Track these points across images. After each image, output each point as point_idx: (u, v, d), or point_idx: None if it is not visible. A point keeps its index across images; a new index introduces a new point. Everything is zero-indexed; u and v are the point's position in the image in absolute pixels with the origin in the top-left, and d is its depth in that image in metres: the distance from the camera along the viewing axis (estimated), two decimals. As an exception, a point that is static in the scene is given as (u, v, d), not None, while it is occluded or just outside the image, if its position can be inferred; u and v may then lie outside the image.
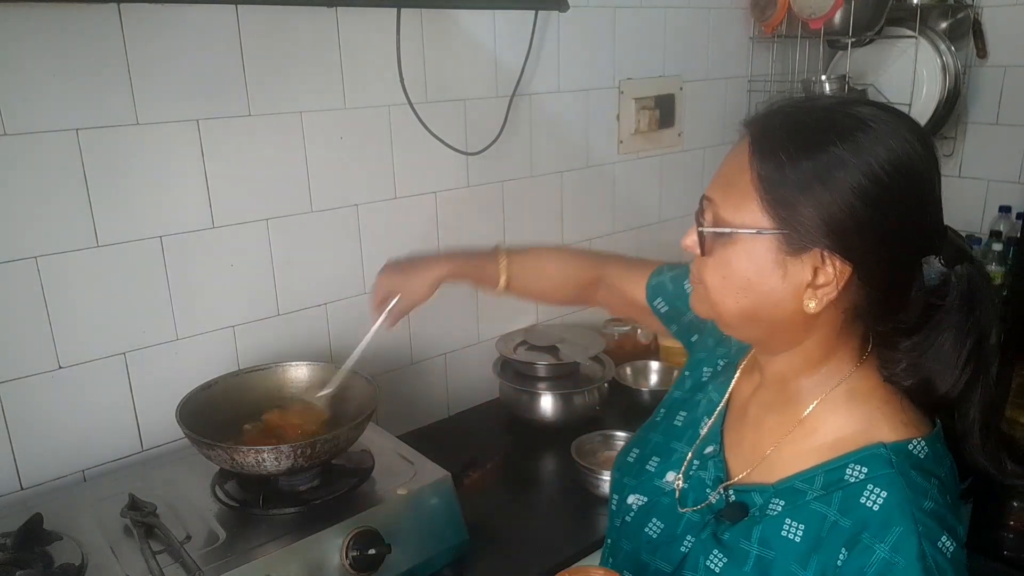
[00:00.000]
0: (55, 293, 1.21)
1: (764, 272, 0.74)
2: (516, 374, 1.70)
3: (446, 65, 1.58)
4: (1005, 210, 2.22)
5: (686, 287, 1.06)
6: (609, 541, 0.99)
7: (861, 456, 0.76)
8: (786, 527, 0.77)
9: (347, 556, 1.08)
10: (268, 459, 1.07)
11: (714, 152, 2.23)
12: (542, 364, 1.67)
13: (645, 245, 2.11)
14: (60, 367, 1.24)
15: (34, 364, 1.22)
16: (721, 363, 0.99)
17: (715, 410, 0.93)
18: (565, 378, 1.68)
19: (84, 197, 1.21)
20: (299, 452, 1.08)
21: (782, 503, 0.79)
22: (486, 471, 1.36)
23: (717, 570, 0.81)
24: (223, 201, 1.35)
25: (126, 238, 1.26)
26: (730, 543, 0.81)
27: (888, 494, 0.73)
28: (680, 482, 0.90)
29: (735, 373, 0.94)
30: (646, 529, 0.90)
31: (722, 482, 0.86)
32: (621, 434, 1.53)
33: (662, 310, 1.12)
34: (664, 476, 0.92)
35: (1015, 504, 1.83)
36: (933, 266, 0.75)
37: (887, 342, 0.79)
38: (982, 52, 2.28)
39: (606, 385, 1.71)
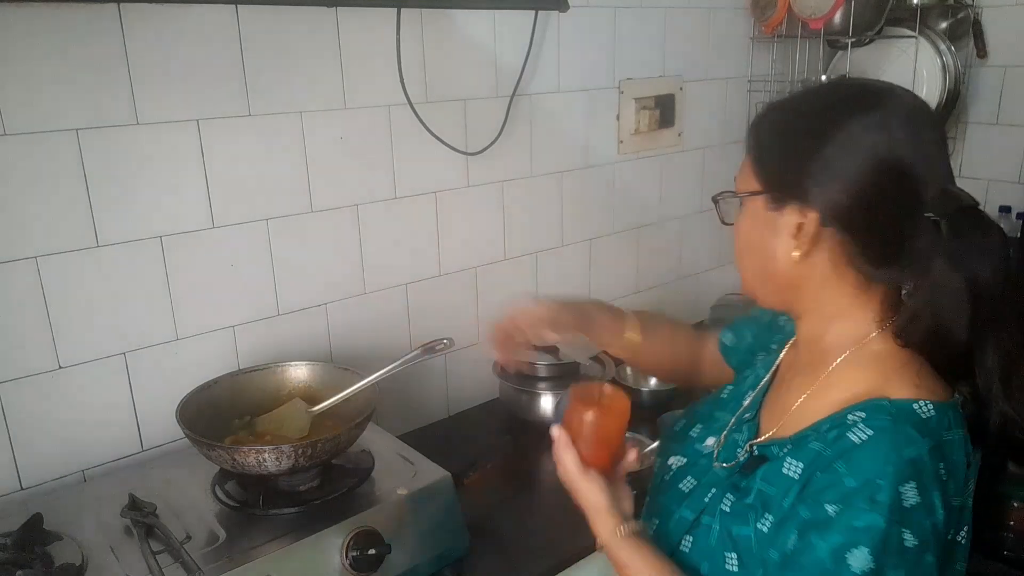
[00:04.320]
0: (55, 293, 1.21)
1: (760, 229, 0.86)
2: (516, 374, 1.70)
3: (446, 65, 1.58)
4: (1005, 210, 2.22)
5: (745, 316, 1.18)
6: (648, 498, 1.04)
7: (865, 406, 0.80)
8: (787, 466, 0.83)
9: (347, 556, 1.08)
10: (269, 459, 1.07)
11: (714, 152, 2.23)
12: (542, 364, 1.67)
13: (645, 245, 2.11)
14: (60, 367, 1.24)
15: (34, 364, 1.22)
16: (774, 347, 1.06)
17: (759, 383, 1.00)
18: (565, 378, 1.68)
19: (84, 197, 1.21)
20: (299, 452, 1.08)
21: (789, 446, 0.85)
22: (486, 471, 1.36)
23: (728, 510, 0.87)
24: (223, 201, 1.35)
25: (126, 238, 1.26)
26: (743, 487, 0.87)
27: (874, 434, 0.77)
28: (718, 445, 0.97)
29: (783, 351, 1.00)
30: (680, 485, 0.96)
31: (751, 441, 0.93)
32: (621, 434, 1.53)
33: (727, 342, 1.18)
34: (704, 441, 0.99)
35: (1015, 504, 1.82)
36: (921, 216, 0.79)
37: (896, 298, 0.84)
38: (982, 52, 2.28)
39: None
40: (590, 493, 0.91)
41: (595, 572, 1.35)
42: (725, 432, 0.97)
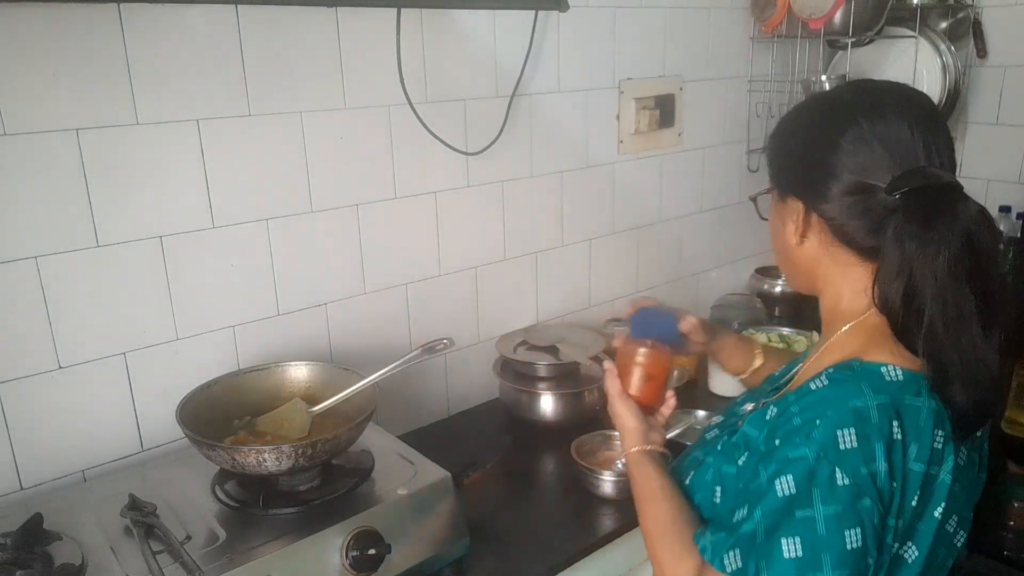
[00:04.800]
0: (55, 293, 1.21)
1: (776, 220, 1.00)
2: (516, 374, 1.70)
3: (446, 65, 1.58)
4: (1005, 210, 2.22)
5: None
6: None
7: (839, 365, 0.88)
8: (768, 412, 0.90)
9: (347, 556, 1.08)
10: (269, 459, 1.07)
11: (714, 152, 2.23)
12: (542, 364, 1.67)
13: (645, 245, 2.11)
14: (60, 367, 1.24)
15: (34, 364, 1.22)
16: None
17: (799, 363, 1.06)
18: (565, 378, 1.68)
19: (84, 197, 1.21)
20: (300, 452, 1.08)
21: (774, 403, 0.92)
22: (486, 471, 1.36)
23: (719, 449, 0.97)
24: (223, 201, 1.35)
25: (126, 238, 1.26)
26: (736, 431, 0.96)
27: (829, 384, 0.85)
28: (754, 409, 1.02)
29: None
30: (707, 435, 1.07)
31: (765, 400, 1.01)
32: (621, 434, 1.53)
33: None
34: (744, 405, 1.08)
35: (1015, 504, 1.83)
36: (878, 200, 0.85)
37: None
38: (982, 52, 2.28)
39: (606, 385, 1.71)
40: (625, 415, 1.08)
41: (595, 572, 1.35)
42: (763, 401, 1.03)
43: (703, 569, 0.86)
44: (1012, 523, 1.83)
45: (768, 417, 0.89)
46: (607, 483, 1.41)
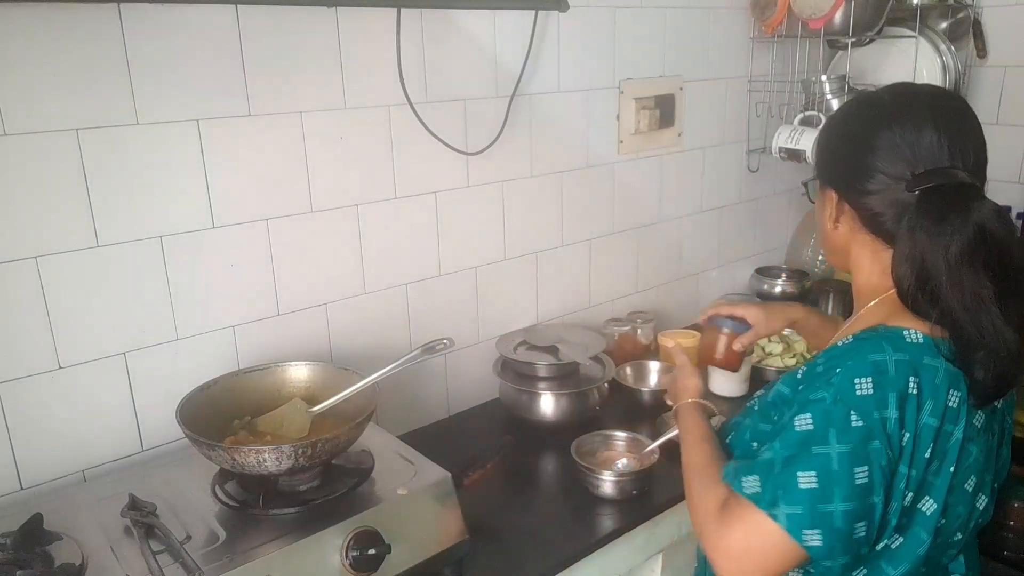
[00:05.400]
0: (55, 293, 1.21)
1: (818, 205, 1.09)
2: (516, 374, 1.70)
3: (446, 65, 1.58)
4: (1005, 210, 2.22)
5: None
6: None
7: (865, 329, 0.96)
8: (799, 371, 1.01)
9: (347, 556, 1.08)
10: (269, 459, 1.07)
11: (714, 152, 2.23)
12: (542, 364, 1.67)
13: (645, 245, 2.11)
14: (60, 367, 1.24)
15: (34, 364, 1.22)
16: None
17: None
18: (565, 378, 1.68)
19: (84, 197, 1.21)
20: (300, 452, 1.08)
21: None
22: (486, 471, 1.36)
23: (756, 408, 1.07)
24: (223, 201, 1.35)
25: (126, 238, 1.26)
26: (770, 391, 1.06)
27: (854, 341, 0.95)
28: None
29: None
30: (749, 403, 1.14)
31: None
32: (621, 434, 1.53)
33: None
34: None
35: (1015, 504, 1.83)
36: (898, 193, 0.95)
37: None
38: (982, 52, 2.28)
39: (606, 385, 1.71)
40: (692, 376, 1.27)
41: (595, 572, 1.35)
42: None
43: (728, 496, 0.94)
44: (1012, 523, 1.82)
45: (798, 375, 1.00)
46: (607, 483, 1.41)
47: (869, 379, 0.88)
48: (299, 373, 1.33)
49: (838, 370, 0.90)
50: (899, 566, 0.93)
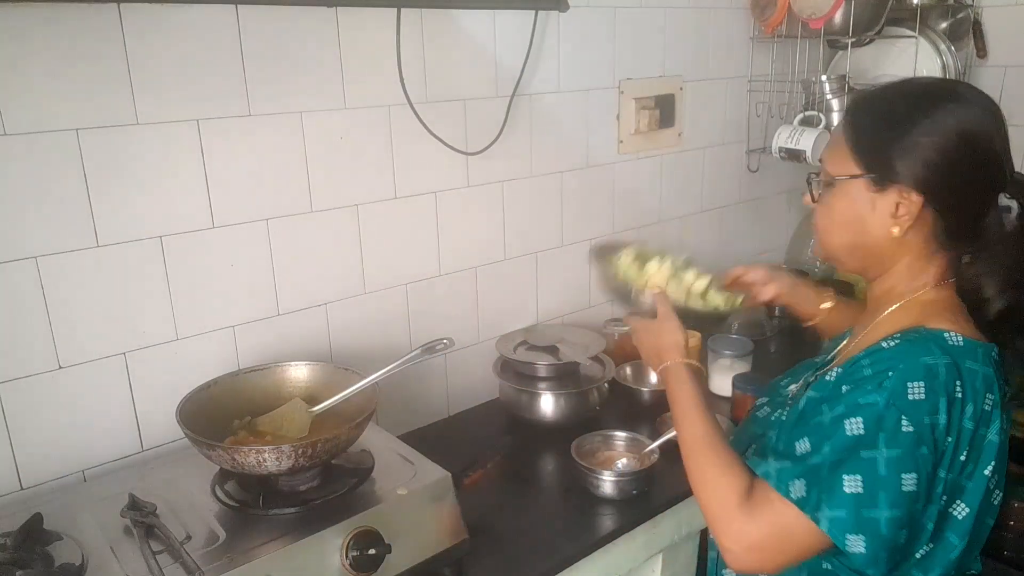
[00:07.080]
0: (55, 293, 1.21)
1: (858, 207, 0.98)
2: (516, 374, 1.70)
3: (446, 65, 1.58)
4: (1005, 210, 2.22)
5: None
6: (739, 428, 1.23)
7: (906, 330, 0.94)
8: (829, 375, 0.97)
9: (347, 556, 1.08)
10: (269, 459, 1.07)
11: (714, 152, 2.23)
12: (542, 364, 1.67)
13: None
14: (60, 367, 1.24)
15: (34, 364, 1.22)
16: None
17: (839, 344, 1.13)
18: (565, 378, 1.68)
19: (84, 197, 1.21)
20: (300, 452, 1.08)
21: (836, 372, 0.98)
22: (486, 471, 1.36)
23: (783, 419, 1.03)
24: (223, 201, 1.35)
25: (126, 238, 1.26)
26: (797, 401, 1.01)
27: (901, 342, 0.91)
28: (797, 389, 1.10)
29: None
30: (757, 412, 1.17)
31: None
32: (621, 434, 1.53)
33: None
34: (788, 387, 1.15)
35: (1015, 504, 1.83)
36: (1001, 199, 0.95)
37: (956, 262, 0.99)
38: (982, 52, 2.28)
39: (606, 385, 1.71)
40: (673, 330, 1.17)
41: (595, 572, 1.35)
42: (804, 379, 1.12)
43: (755, 487, 0.92)
44: (1012, 523, 1.82)
45: (829, 378, 0.96)
46: (607, 483, 1.41)
47: (921, 383, 0.86)
48: (299, 373, 1.33)
49: (890, 373, 0.88)
50: (930, 572, 0.92)
